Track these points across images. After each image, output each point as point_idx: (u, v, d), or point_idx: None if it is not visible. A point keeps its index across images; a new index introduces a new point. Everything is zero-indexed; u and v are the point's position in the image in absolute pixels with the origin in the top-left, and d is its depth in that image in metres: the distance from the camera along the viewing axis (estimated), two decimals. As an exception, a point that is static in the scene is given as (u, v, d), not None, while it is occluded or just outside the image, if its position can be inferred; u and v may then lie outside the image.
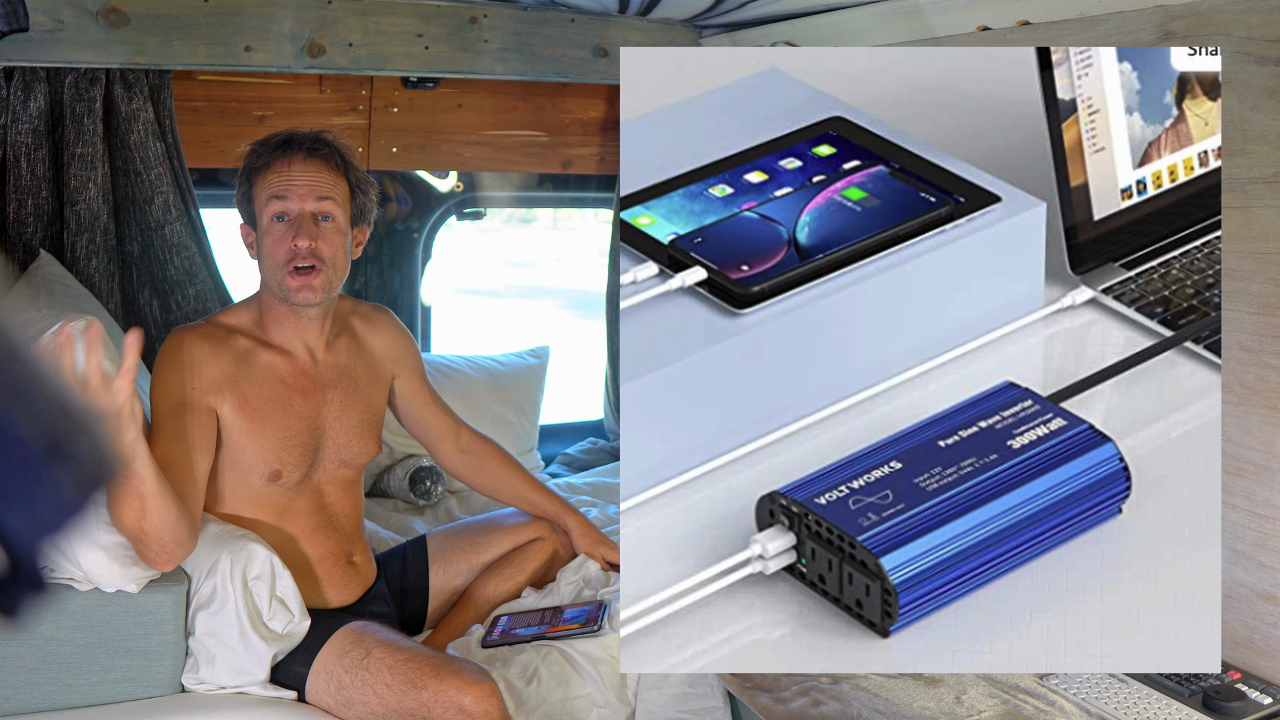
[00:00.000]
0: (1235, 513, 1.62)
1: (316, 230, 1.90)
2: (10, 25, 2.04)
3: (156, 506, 1.68)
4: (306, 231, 1.88)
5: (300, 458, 1.97)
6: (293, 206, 1.89)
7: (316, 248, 1.89)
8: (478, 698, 1.77)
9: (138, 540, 1.72)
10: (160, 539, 1.72)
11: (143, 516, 1.68)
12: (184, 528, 1.75)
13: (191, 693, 1.84)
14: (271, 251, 1.90)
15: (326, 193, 1.91)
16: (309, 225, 1.89)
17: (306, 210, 1.90)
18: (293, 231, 1.89)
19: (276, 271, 1.90)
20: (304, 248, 1.88)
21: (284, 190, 1.89)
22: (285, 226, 1.90)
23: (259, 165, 1.92)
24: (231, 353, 1.92)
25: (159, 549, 1.73)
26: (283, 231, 1.89)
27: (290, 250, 1.88)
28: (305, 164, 1.91)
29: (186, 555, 1.79)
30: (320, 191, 1.91)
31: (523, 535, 2.27)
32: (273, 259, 1.90)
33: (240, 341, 1.95)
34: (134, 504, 1.67)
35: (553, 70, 2.71)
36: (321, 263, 1.90)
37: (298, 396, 1.97)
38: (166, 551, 1.74)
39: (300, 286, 1.90)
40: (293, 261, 1.88)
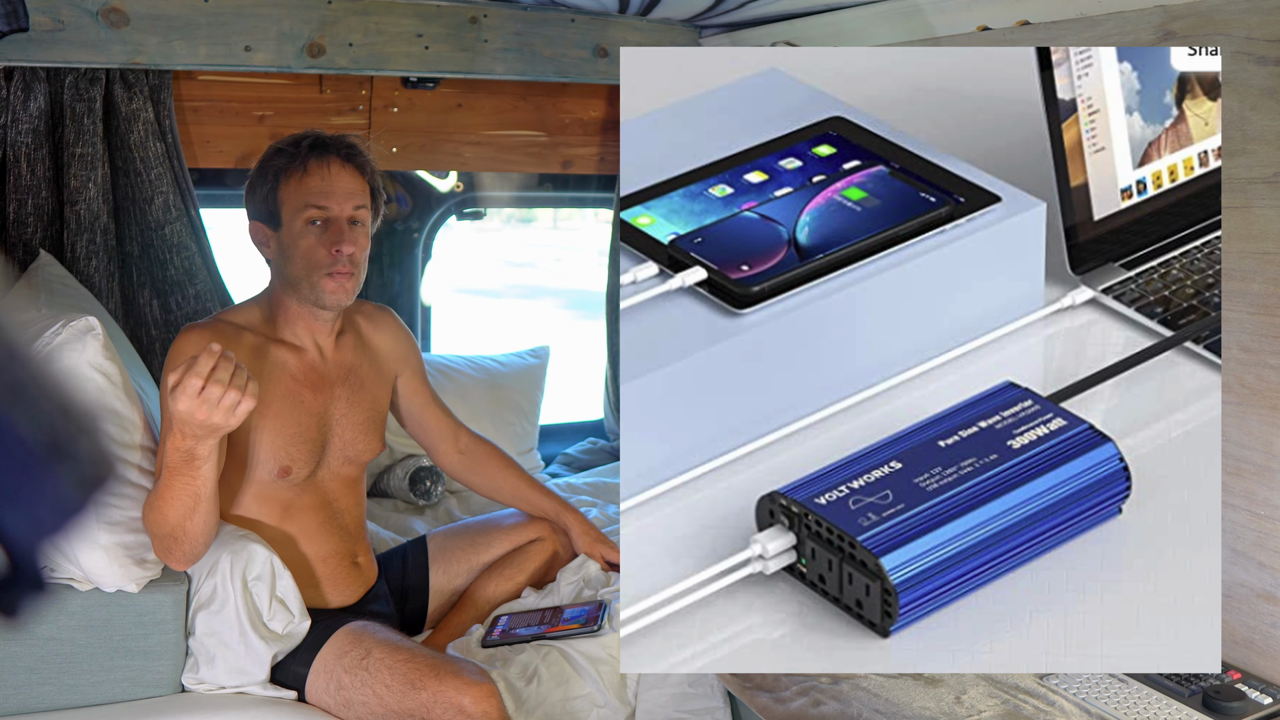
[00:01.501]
0: (1235, 513, 1.62)
1: (352, 234, 1.94)
2: (10, 25, 2.04)
3: (206, 509, 1.71)
4: (349, 237, 1.92)
5: (309, 454, 1.98)
6: (334, 212, 1.93)
7: (355, 253, 1.94)
8: (477, 698, 1.78)
9: (173, 538, 1.73)
10: (195, 539, 1.74)
11: (191, 515, 1.70)
12: (213, 533, 1.78)
13: (191, 693, 1.84)
14: (308, 255, 1.92)
15: (360, 200, 1.96)
16: (349, 230, 1.93)
17: (345, 215, 1.94)
18: (332, 236, 1.92)
19: (312, 273, 1.93)
20: (347, 253, 1.92)
21: (324, 197, 1.93)
22: (322, 230, 1.93)
23: (291, 166, 1.94)
24: (243, 350, 1.93)
25: (189, 548, 1.75)
26: (319, 236, 1.92)
27: (332, 255, 1.92)
28: (342, 169, 1.95)
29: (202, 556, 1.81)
30: (356, 199, 1.95)
31: (523, 535, 2.27)
32: (308, 262, 1.93)
33: (250, 339, 1.95)
34: (188, 502, 1.69)
35: (553, 70, 2.71)
36: (356, 267, 1.95)
37: (308, 392, 1.98)
38: (195, 552, 1.77)
39: (336, 289, 1.93)
40: (334, 266, 1.92)
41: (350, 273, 1.94)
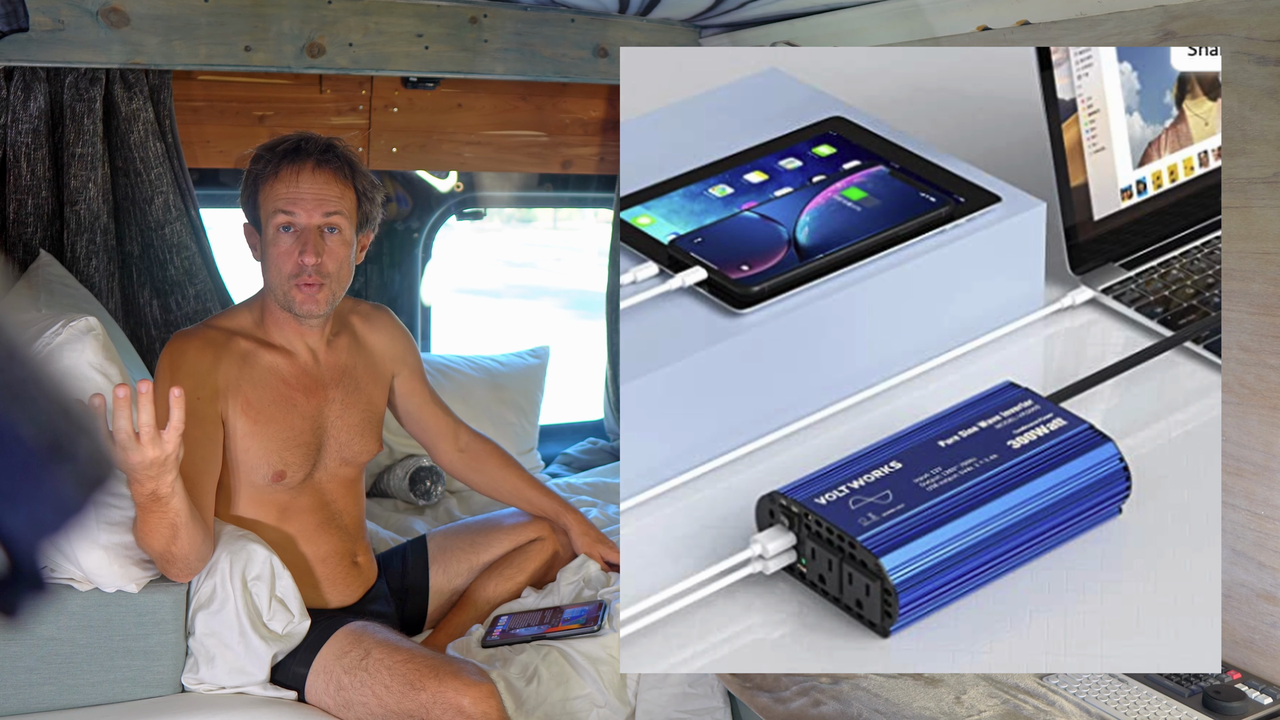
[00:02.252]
0: (1235, 513, 1.62)
1: (323, 244, 1.89)
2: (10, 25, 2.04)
3: (187, 534, 1.71)
4: (314, 247, 1.88)
5: (303, 457, 1.97)
6: (300, 220, 1.89)
7: (321, 263, 1.89)
8: (476, 699, 1.78)
9: (164, 560, 1.74)
10: (187, 559, 1.75)
11: (173, 542, 1.71)
12: (207, 546, 1.79)
13: (191, 693, 1.84)
14: (277, 263, 1.90)
15: (334, 206, 1.91)
16: (316, 240, 1.89)
17: (314, 224, 1.89)
18: (299, 245, 1.88)
19: (282, 283, 1.91)
20: (310, 264, 1.88)
21: (291, 203, 1.89)
22: (291, 239, 1.89)
23: (265, 171, 1.91)
24: (233, 357, 1.92)
25: (184, 566, 1.76)
26: (289, 244, 1.89)
27: (296, 265, 1.88)
28: (314, 175, 1.90)
29: (204, 567, 1.81)
30: (328, 206, 1.90)
31: (523, 535, 2.27)
32: (278, 270, 1.90)
33: (241, 344, 1.95)
34: (166, 532, 1.69)
35: (553, 70, 2.71)
36: (326, 277, 1.90)
37: (300, 396, 1.98)
38: (191, 567, 1.78)
39: (305, 299, 1.91)
40: (299, 276, 1.89)
41: (318, 283, 1.90)
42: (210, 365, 1.89)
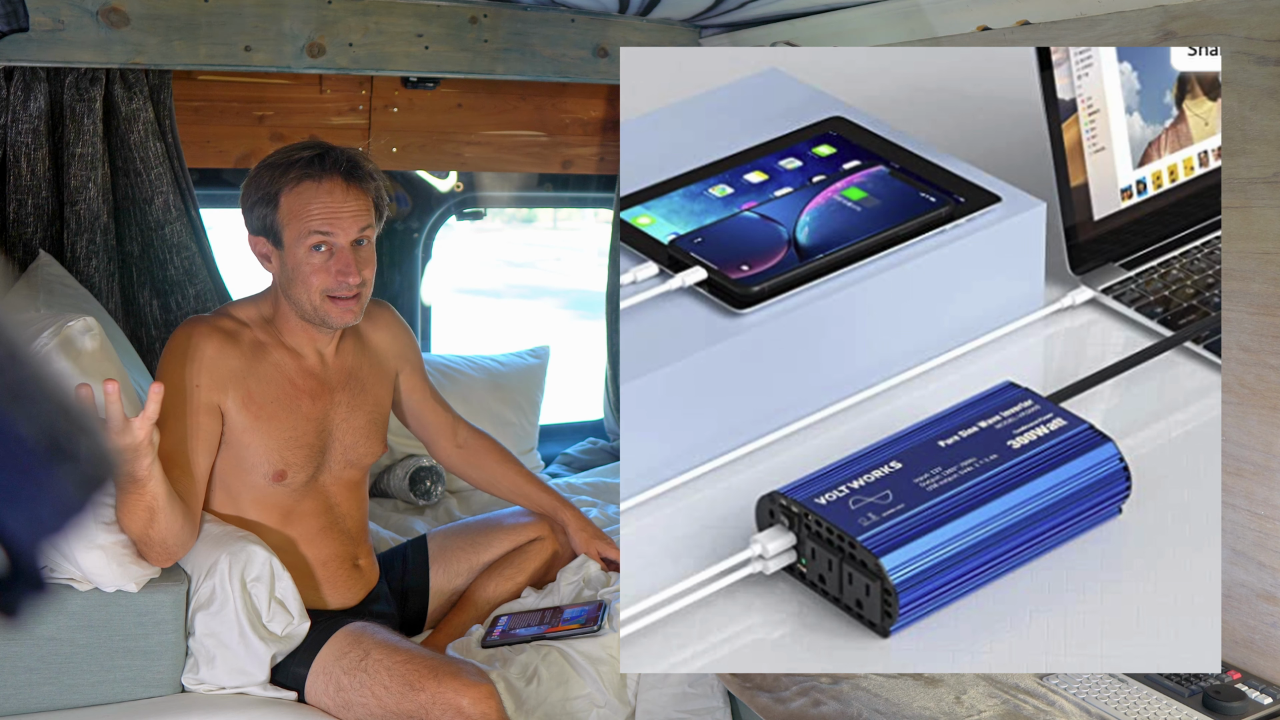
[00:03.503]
0: (1235, 513, 1.62)
1: (359, 259, 1.89)
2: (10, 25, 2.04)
3: (165, 518, 1.73)
4: (355, 265, 1.88)
5: (306, 459, 1.97)
6: (338, 240, 1.88)
7: (362, 279, 1.90)
8: (476, 699, 1.77)
9: (142, 543, 1.77)
10: (165, 543, 1.77)
11: (150, 525, 1.73)
12: (187, 531, 1.81)
13: (191, 693, 1.84)
14: (309, 280, 1.88)
15: (367, 221, 1.90)
16: (353, 256, 1.88)
17: (350, 239, 1.89)
18: (338, 264, 1.87)
19: (313, 298, 1.89)
20: (354, 283, 1.88)
21: (327, 223, 1.87)
22: (325, 257, 1.88)
23: (284, 184, 1.87)
24: (241, 348, 1.92)
25: (162, 551, 1.78)
26: (323, 261, 1.88)
27: (337, 282, 1.88)
28: (347, 193, 1.88)
29: (185, 554, 1.84)
30: (362, 222, 1.90)
31: (523, 535, 2.27)
32: (307, 286, 1.88)
33: (249, 335, 1.94)
34: (143, 515, 1.72)
35: (553, 70, 2.71)
36: (365, 287, 1.92)
37: (306, 398, 1.97)
38: (169, 553, 1.80)
39: (342, 313, 1.90)
40: (339, 291, 1.88)
41: (357, 295, 1.91)
42: (215, 354, 1.89)
